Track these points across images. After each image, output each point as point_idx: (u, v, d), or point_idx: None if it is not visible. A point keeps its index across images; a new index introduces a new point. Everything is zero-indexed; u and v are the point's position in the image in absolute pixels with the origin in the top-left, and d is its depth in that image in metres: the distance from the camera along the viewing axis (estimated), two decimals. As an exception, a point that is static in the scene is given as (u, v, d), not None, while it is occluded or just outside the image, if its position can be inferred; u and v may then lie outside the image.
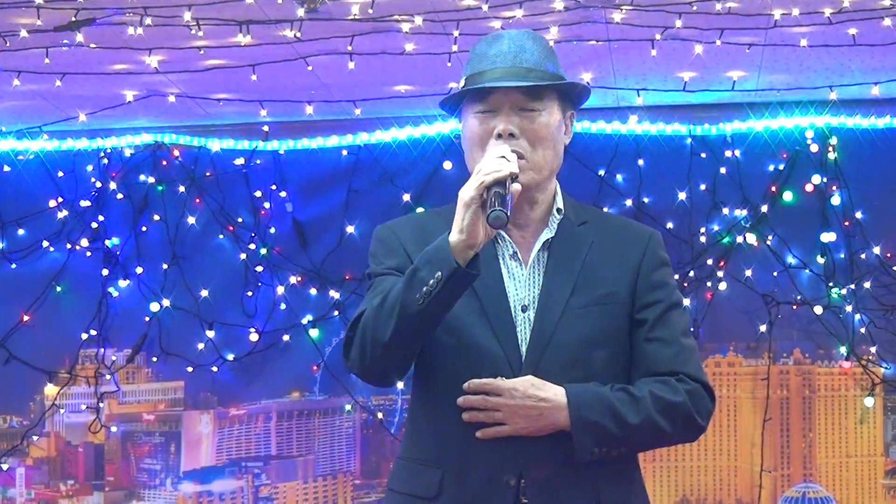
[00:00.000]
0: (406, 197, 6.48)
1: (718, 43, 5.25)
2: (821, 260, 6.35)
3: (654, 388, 2.96)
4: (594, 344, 2.97)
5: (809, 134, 6.32)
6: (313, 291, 6.63)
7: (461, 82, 3.03)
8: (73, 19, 5.01)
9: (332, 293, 6.59)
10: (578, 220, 3.07)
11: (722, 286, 6.39)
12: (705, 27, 5.13)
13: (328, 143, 6.61)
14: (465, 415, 2.93)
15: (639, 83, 5.95)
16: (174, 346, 6.69)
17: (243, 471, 6.72)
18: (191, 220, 6.67)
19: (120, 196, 6.71)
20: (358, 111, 6.18)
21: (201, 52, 5.37)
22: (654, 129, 6.41)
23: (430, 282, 2.80)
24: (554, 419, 2.91)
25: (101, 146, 6.69)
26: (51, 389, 6.76)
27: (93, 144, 6.69)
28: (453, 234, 2.82)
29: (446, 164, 6.41)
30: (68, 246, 6.71)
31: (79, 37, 5.14)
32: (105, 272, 6.68)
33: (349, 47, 5.29)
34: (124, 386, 6.76)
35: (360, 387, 6.55)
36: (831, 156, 6.33)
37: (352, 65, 5.42)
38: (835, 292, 6.32)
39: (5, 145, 6.69)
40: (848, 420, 6.44)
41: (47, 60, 5.35)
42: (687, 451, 6.45)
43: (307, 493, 6.69)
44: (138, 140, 6.69)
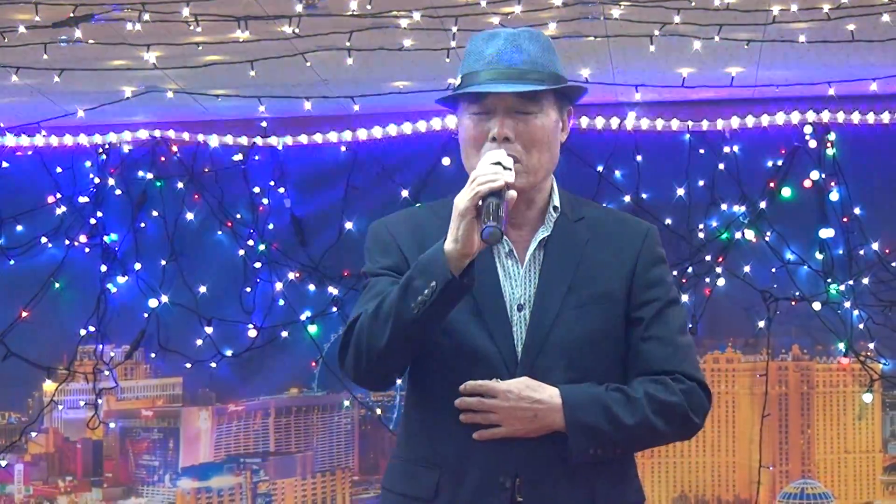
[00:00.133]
0: (404, 193, 6.47)
1: (717, 39, 5.24)
2: (819, 256, 6.35)
3: (649, 388, 2.95)
4: (590, 343, 2.96)
5: (808, 130, 6.33)
6: (312, 287, 6.63)
7: (458, 79, 3.02)
8: (71, 15, 5.01)
9: (330, 289, 6.58)
10: (575, 217, 3.05)
11: (720, 282, 6.39)
12: (703, 23, 5.13)
13: (326, 138, 6.60)
14: (461, 416, 2.92)
15: (637, 79, 5.95)
16: (172, 343, 6.69)
17: (242, 467, 6.72)
18: (189, 216, 6.67)
19: (118, 192, 6.71)
20: (356, 107, 6.17)
21: (199, 47, 5.36)
22: (653, 125, 6.41)
23: (425, 291, 2.79)
24: (549, 421, 2.90)
25: (100, 142, 6.69)
26: (49, 386, 6.76)
27: (91, 140, 6.69)
28: (448, 243, 2.80)
29: (444, 160, 6.41)
30: (66, 242, 6.71)
31: (77, 33, 5.13)
32: (103, 268, 6.68)
33: (347, 43, 5.29)
34: (123, 382, 6.76)
35: (359, 383, 6.55)
36: (830, 152, 6.33)
37: (350, 60, 5.41)
38: (833, 288, 6.32)
39: (4, 141, 6.68)
40: (846, 416, 6.44)
41: (46, 56, 5.34)
42: (685, 447, 6.45)
43: (305, 489, 6.69)
44: (137, 136, 6.69)
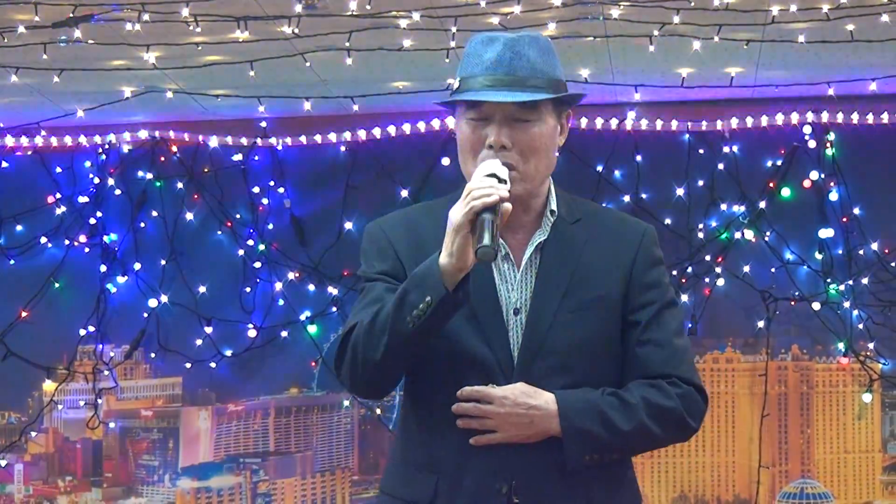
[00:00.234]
0: (404, 193, 6.47)
1: (716, 39, 5.24)
2: (819, 256, 6.35)
3: (645, 392, 2.94)
4: (586, 348, 2.95)
5: (807, 130, 6.33)
6: (311, 287, 6.63)
7: (456, 81, 3.00)
8: (71, 15, 5.01)
9: (330, 289, 6.59)
10: (572, 218, 3.03)
11: (720, 282, 6.39)
12: (703, 23, 5.13)
13: (326, 139, 6.60)
14: (458, 421, 2.92)
15: (637, 79, 5.95)
16: (172, 342, 6.69)
17: (241, 467, 6.72)
18: (189, 215, 6.67)
19: (118, 192, 6.71)
20: (356, 107, 6.17)
21: (199, 48, 5.36)
22: (652, 125, 6.41)
23: (420, 306, 2.79)
24: (545, 427, 2.90)
25: (99, 142, 6.69)
26: (49, 385, 6.76)
27: (91, 140, 6.69)
28: (443, 257, 2.80)
29: (444, 160, 6.40)
30: (66, 242, 6.71)
31: (77, 33, 5.13)
32: (103, 268, 6.68)
33: (347, 43, 5.29)
34: (122, 382, 6.76)
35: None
36: (829, 152, 6.33)
37: (349, 61, 5.41)
38: (833, 288, 6.32)
39: (4, 141, 6.68)
40: (846, 416, 6.45)
41: (45, 56, 5.34)
42: (685, 447, 6.45)
43: (305, 488, 6.69)
44: (136, 136, 6.69)
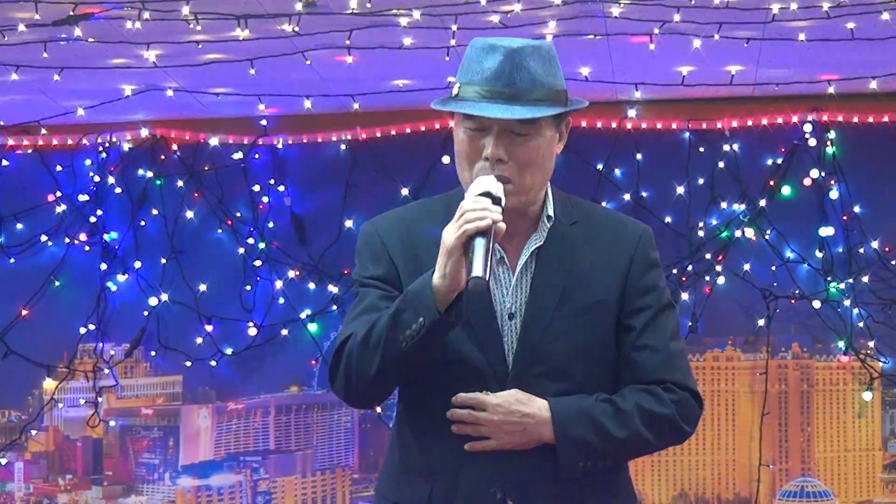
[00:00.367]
0: (404, 191, 6.47)
1: (716, 37, 5.24)
2: (819, 254, 6.35)
3: (640, 399, 2.93)
4: (581, 354, 2.94)
5: (807, 128, 6.32)
6: (312, 286, 6.63)
7: (455, 86, 2.94)
8: (71, 13, 5.01)
9: (330, 287, 6.58)
10: (569, 221, 3.00)
11: (720, 280, 6.39)
12: (703, 21, 5.12)
13: (326, 137, 6.60)
14: (453, 427, 2.92)
15: (637, 77, 5.95)
16: (172, 341, 6.68)
17: (242, 465, 6.72)
18: (189, 214, 6.67)
19: (118, 190, 6.71)
20: (356, 105, 6.17)
21: (199, 46, 5.36)
22: (653, 123, 6.41)
23: (413, 326, 2.80)
24: (538, 434, 2.89)
25: (100, 140, 6.69)
26: (49, 384, 6.76)
27: (91, 139, 6.68)
28: (436, 278, 2.79)
29: (444, 159, 6.40)
30: (67, 240, 6.70)
31: (77, 31, 5.14)
32: (103, 266, 6.68)
33: (347, 41, 5.29)
34: (123, 380, 6.76)
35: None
36: (829, 150, 6.33)
37: (350, 59, 5.41)
38: (833, 286, 6.32)
39: (4, 140, 6.68)
40: (846, 414, 6.45)
41: (45, 55, 5.34)
42: (685, 445, 6.37)
43: (305, 487, 6.69)
44: (137, 134, 6.68)
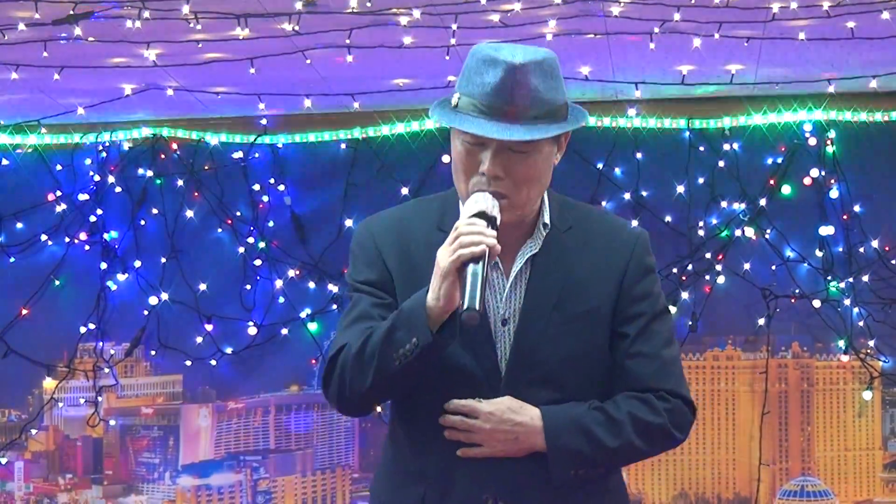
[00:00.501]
0: (405, 190, 6.46)
1: (717, 36, 5.24)
2: (819, 253, 6.34)
3: (632, 408, 2.93)
4: (575, 361, 2.94)
5: (808, 127, 6.32)
6: (312, 285, 6.62)
7: (454, 97, 2.90)
8: (71, 12, 5.01)
9: (330, 287, 6.58)
10: (564, 227, 2.99)
11: (720, 280, 6.39)
12: (704, 20, 5.12)
13: (326, 136, 6.60)
14: (445, 433, 2.93)
15: (637, 76, 5.95)
16: (172, 340, 6.68)
17: (242, 464, 6.71)
18: (189, 213, 6.67)
19: (118, 189, 6.70)
20: (356, 104, 6.17)
21: (199, 45, 5.36)
22: (653, 122, 6.41)
23: (407, 346, 2.80)
24: (530, 443, 2.90)
25: (100, 140, 6.69)
26: (49, 383, 6.75)
27: (91, 138, 6.68)
28: (430, 299, 2.79)
29: (445, 158, 6.39)
30: (67, 240, 6.70)
31: (77, 30, 5.14)
32: (103, 266, 6.68)
33: (347, 41, 5.29)
34: (123, 380, 6.76)
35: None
36: (829, 149, 6.33)
37: (350, 58, 5.41)
38: (833, 286, 6.31)
39: (4, 139, 6.67)
40: (846, 413, 6.44)
41: (45, 54, 5.34)
42: (685, 444, 6.34)
43: (306, 486, 6.69)
44: (137, 133, 6.68)
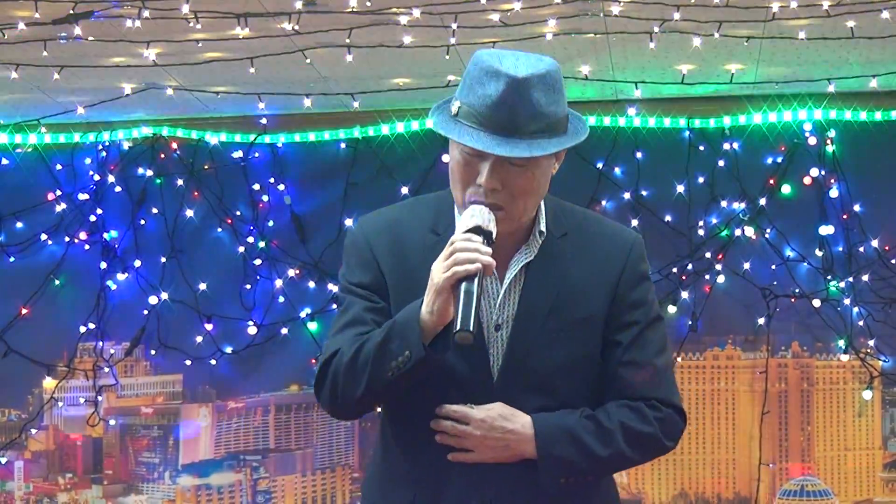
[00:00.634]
0: (405, 190, 6.46)
1: (717, 35, 5.24)
2: (819, 253, 6.34)
3: (624, 417, 2.93)
4: (567, 368, 2.93)
5: (808, 127, 6.32)
6: (312, 284, 6.62)
7: (455, 105, 2.91)
8: (71, 12, 5.01)
9: (330, 286, 6.58)
10: (559, 232, 2.99)
11: (720, 279, 6.39)
12: (703, 20, 5.12)
13: (326, 136, 6.60)
14: (437, 437, 2.93)
15: (637, 76, 5.95)
16: (172, 340, 6.69)
17: (242, 464, 6.71)
18: (189, 213, 6.67)
19: (118, 189, 6.71)
20: (356, 104, 6.17)
21: (199, 44, 5.36)
22: (653, 121, 6.40)
23: (400, 358, 2.81)
24: (521, 450, 2.90)
25: (100, 139, 6.69)
26: (49, 383, 6.76)
27: (91, 137, 6.68)
28: (424, 313, 2.79)
29: (444, 157, 6.39)
30: (66, 239, 6.70)
31: (77, 30, 5.13)
32: (103, 265, 6.68)
33: (347, 40, 5.28)
34: (123, 379, 6.76)
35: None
36: (830, 149, 6.33)
37: (350, 57, 5.41)
38: (833, 285, 6.31)
39: (3, 138, 6.68)
40: (846, 413, 6.44)
41: (45, 53, 5.34)
42: (685, 444, 6.45)
43: (306, 486, 6.69)
44: (136, 133, 6.69)
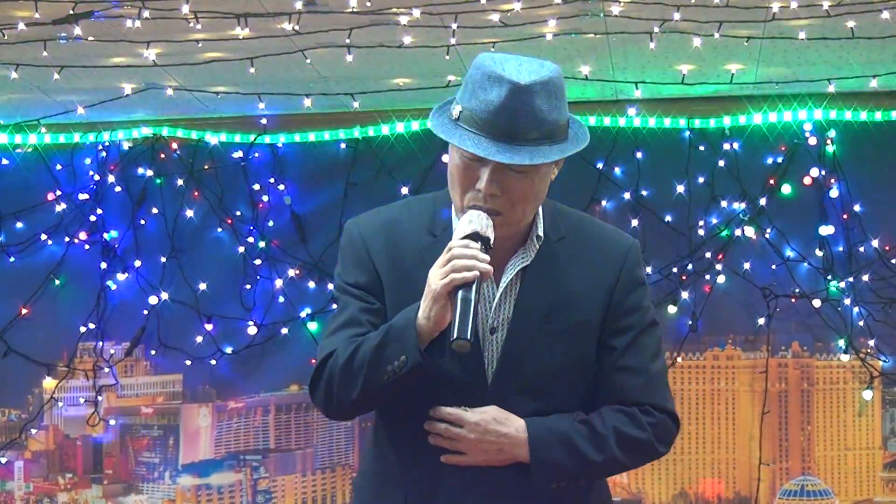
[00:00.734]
0: (405, 190, 6.46)
1: (717, 36, 5.24)
2: (819, 253, 6.34)
3: (617, 422, 2.93)
4: (562, 373, 2.94)
5: (808, 127, 6.32)
6: (312, 284, 6.63)
7: (456, 109, 2.88)
8: (71, 12, 5.01)
9: (330, 286, 6.56)
10: (556, 236, 2.98)
11: (720, 279, 6.39)
12: (704, 20, 5.12)
13: (326, 136, 6.60)
14: (430, 438, 2.93)
15: (637, 76, 5.95)
16: (172, 340, 6.68)
17: (242, 464, 6.71)
18: (189, 213, 6.67)
19: (118, 189, 6.71)
20: (356, 104, 6.17)
21: (199, 44, 5.36)
22: (653, 121, 6.40)
23: (395, 363, 2.81)
24: (514, 454, 2.90)
25: (100, 139, 6.69)
26: (49, 383, 6.76)
27: (91, 137, 6.68)
28: (421, 318, 2.80)
29: (444, 157, 6.37)
30: (66, 239, 6.70)
31: (77, 30, 5.14)
32: (103, 265, 6.68)
33: (347, 40, 5.28)
34: (123, 379, 6.76)
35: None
36: (830, 149, 6.33)
37: (350, 58, 5.41)
38: (833, 285, 6.31)
39: (3, 138, 6.68)
40: (846, 413, 6.44)
41: (45, 53, 5.34)
42: (685, 444, 6.45)
43: (306, 486, 6.69)
44: (136, 133, 6.69)
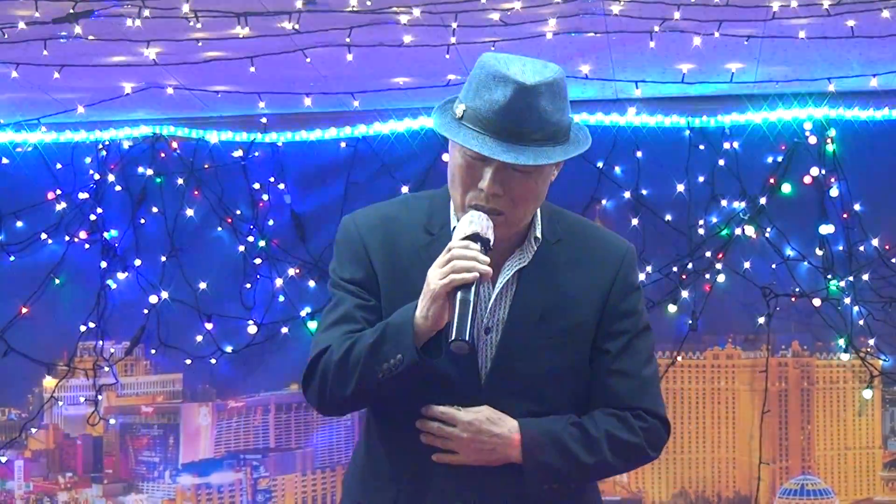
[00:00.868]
0: (405, 189, 6.46)
1: (717, 35, 5.24)
2: (819, 252, 6.34)
3: (610, 426, 2.94)
4: (555, 375, 2.94)
5: (808, 126, 6.32)
6: (312, 284, 6.62)
7: (459, 108, 2.90)
8: (71, 11, 5.01)
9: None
10: (553, 239, 2.98)
11: (720, 278, 6.38)
12: (704, 19, 5.12)
13: (327, 135, 6.60)
14: (422, 437, 2.93)
15: (637, 75, 5.94)
16: (173, 339, 6.68)
17: (242, 463, 6.71)
18: (189, 212, 6.67)
19: (118, 188, 6.70)
20: (356, 103, 6.17)
21: (199, 44, 5.36)
22: (653, 121, 6.40)
23: (391, 361, 2.81)
24: (506, 455, 2.90)
25: (100, 138, 6.69)
26: (49, 382, 6.76)
27: (91, 136, 6.68)
28: (418, 317, 2.79)
29: (444, 156, 6.38)
30: (67, 238, 6.70)
31: (77, 29, 5.13)
32: (103, 264, 6.68)
33: (347, 39, 5.28)
34: (123, 378, 6.76)
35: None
36: (830, 148, 6.33)
37: (350, 57, 5.41)
38: (833, 284, 6.31)
39: (3, 137, 6.68)
40: (846, 412, 6.44)
41: (45, 52, 5.34)
42: (686, 443, 6.45)
43: (306, 485, 6.69)
44: (137, 132, 6.68)
